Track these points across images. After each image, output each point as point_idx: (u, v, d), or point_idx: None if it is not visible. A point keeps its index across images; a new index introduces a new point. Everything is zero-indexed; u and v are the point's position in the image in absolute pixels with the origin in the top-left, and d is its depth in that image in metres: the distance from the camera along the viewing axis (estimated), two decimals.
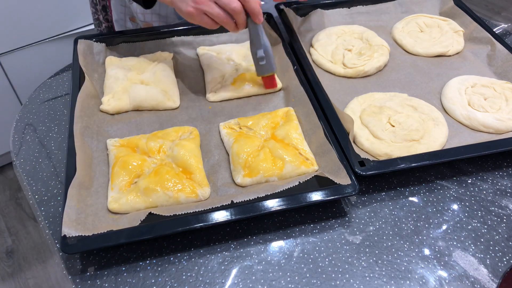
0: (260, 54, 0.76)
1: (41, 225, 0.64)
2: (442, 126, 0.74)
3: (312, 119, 0.72)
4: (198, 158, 0.69)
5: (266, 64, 0.77)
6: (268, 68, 0.78)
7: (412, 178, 0.70)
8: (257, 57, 0.77)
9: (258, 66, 0.78)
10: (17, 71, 1.62)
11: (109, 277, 0.58)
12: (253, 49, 0.77)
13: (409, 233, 0.63)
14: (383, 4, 1.03)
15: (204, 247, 0.61)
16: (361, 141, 0.72)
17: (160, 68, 0.83)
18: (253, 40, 0.76)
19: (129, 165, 0.66)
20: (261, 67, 0.78)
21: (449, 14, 1.01)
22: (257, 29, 0.74)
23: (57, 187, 0.68)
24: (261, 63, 0.77)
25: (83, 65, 0.80)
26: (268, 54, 0.76)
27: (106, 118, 0.77)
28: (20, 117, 0.81)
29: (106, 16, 1.09)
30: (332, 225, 0.64)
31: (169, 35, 0.90)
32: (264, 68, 0.78)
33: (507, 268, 0.59)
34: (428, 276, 0.58)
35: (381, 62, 0.87)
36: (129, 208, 0.62)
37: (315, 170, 0.67)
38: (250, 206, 0.60)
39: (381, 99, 0.79)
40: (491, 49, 0.90)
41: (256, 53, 0.76)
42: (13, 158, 0.73)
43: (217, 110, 0.79)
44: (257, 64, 0.78)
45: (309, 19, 0.98)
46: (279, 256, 0.60)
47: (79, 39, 0.85)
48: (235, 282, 0.57)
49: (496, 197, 0.68)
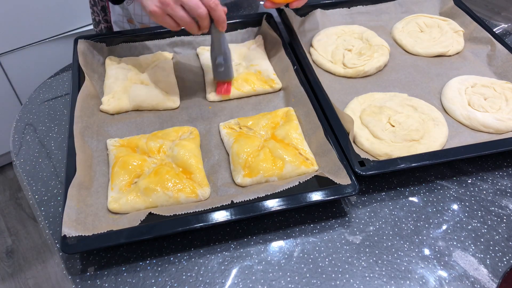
0: (219, 60, 0.77)
1: (41, 225, 0.64)
2: (442, 126, 0.74)
3: (312, 119, 0.72)
4: (198, 158, 0.69)
5: (224, 70, 0.78)
6: (226, 75, 0.79)
7: (412, 178, 0.70)
8: (216, 63, 0.78)
9: (216, 72, 0.80)
10: (17, 71, 1.62)
11: (109, 277, 0.58)
12: (213, 55, 0.78)
13: (409, 233, 0.63)
14: (383, 4, 1.03)
15: (204, 247, 0.61)
16: (361, 141, 0.72)
17: (160, 68, 0.83)
18: (214, 46, 0.77)
19: (129, 165, 0.66)
20: (219, 73, 0.79)
21: (449, 14, 1.01)
22: (219, 36, 0.75)
23: (57, 187, 0.68)
24: (219, 69, 0.78)
25: (83, 65, 0.80)
26: (227, 61, 0.78)
27: (106, 118, 0.77)
28: (20, 117, 0.81)
29: (105, 17, 1.09)
30: (332, 225, 0.64)
31: (169, 35, 0.90)
32: (221, 74, 0.79)
33: (507, 268, 0.59)
34: (428, 276, 0.58)
35: (381, 62, 0.87)
36: (129, 208, 0.62)
37: (315, 170, 0.67)
38: (250, 206, 0.60)
39: (381, 99, 0.79)
40: (491, 49, 0.90)
41: (216, 58, 0.77)
42: (13, 158, 0.73)
43: (217, 110, 0.79)
44: (215, 70, 0.80)
45: (309, 19, 0.98)
46: (279, 256, 0.60)
47: (79, 39, 0.85)
48: (235, 282, 0.57)
49: (496, 197, 0.68)
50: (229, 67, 0.79)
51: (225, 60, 0.77)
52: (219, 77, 0.80)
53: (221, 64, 0.78)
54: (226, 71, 0.79)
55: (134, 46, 0.89)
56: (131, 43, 0.89)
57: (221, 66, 0.78)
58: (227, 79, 0.80)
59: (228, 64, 0.78)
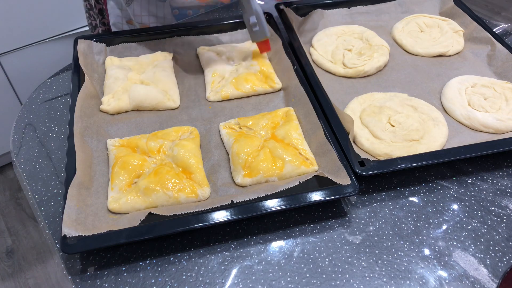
0: (253, 20, 0.77)
1: (41, 225, 0.64)
2: (442, 126, 0.74)
3: (312, 119, 0.72)
4: (198, 158, 0.69)
5: (259, 30, 0.78)
6: (261, 34, 0.79)
7: (412, 178, 0.70)
8: (250, 23, 0.78)
9: (252, 33, 0.80)
10: (17, 71, 1.62)
11: (109, 277, 0.58)
12: (246, 16, 0.78)
13: (409, 233, 0.63)
14: (383, 4, 1.03)
15: (204, 247, 0.61)
16: (361, 141, 0.72)
17: (160, 68, 0.83)
18: (244, 7, 0.77)
19: (129, 165, 0.66)
20: (255, 34, 0.80)
21: (449, 14, 1.01)
22: None
23: (57, 187, 0.68)
24: (254, 29, 0.79)
25: (83, 65, 0.80)
26: (260, 20, 0.78)
27: (106, 118, 0.77)
28: (20, 117, 0.81)
29: (102, 20, 1.09)
30: (332, 225, 0.64)
31: (169, 35, 0.90)
32: (257, 34, 0.79)
33: (507, 268, 0.59)
34: (428, 276, 0.58)
35: (381, 62, 0.87)
36: (129, 208, 0.62)
37: (315, 170, 0.67)
38: (250, 206, 0.60)
39: (381, 99, 0.79)
40: (491, 49, 0.90)
41: (249, 19, 0.78)
42: (13, 158, 0.73)
43: (217, 110, 0.79)
44: (250, 31, 0.80)
45: (309, 19, 0.98)
46: (279, 256, 0.60)
47: (79, 39, 0.85)
48: (235, 282, 0.57)
49: (496, 197, 0.68)
50: (263, 26, 0.78)
51: (258, 19, 0.77)
52: (255, 38, 0.81)
53: (255, 24, 0.78)
54: (261, 30, 0.79)
55: (134, 46, 0.89)
56: (131, 43, 0.89)
57: (255, 26, 0.78)
58: (263, 38, 0.80)
59: (261, 22, 0.78)
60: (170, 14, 1.03)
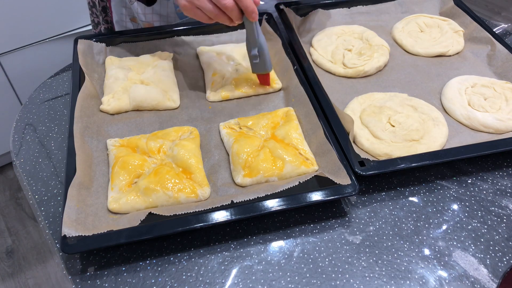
0: (254, 52, 0.75)
1: (41, 225, 0.64)
2: (442, 126, 0.74)
3: (312, 119, 0.72)
4: (198, 158, 0.69)
5: (260, 62, 0.76)
6: (262, 67, 0.77)
7: (412, 178, 0.70)
8: (251, 54, 0.76)
9: (252, 63, 0.78)
10: (17, 71, 1.62)
11: (109, 277, 0.58)
12: (248, 47, 0.76)
13: (409, 233, 0.63)
14: (383, 4, 1.03)
15: (204, 247, 0.61)
16: (361, 141, 0.72)
17: (160, 68, 0.83)
18: (248, 37, 0.75)
19: (129, 165, 0.66)
20: (256, 65, 0.78)
21: (449, 14, 1.01)
22: (251, 27, 0.72)
23: (57, 187, 0.68)
24: (254, 61, 0.77)
25: (83, 65, 0.80)
26: (263, 53, 0.75)
27: (106, 118, 0.77)
28: (20, 117, 0.81)
29: (106, 18, 1.09)
30: (332, 225, 0.64)
31: (169, 35, 0.90)
32: (258, 66, 0.78)
33: (507, 268, 0.59)
34: (428, 276, 0.58)
35: (381, 62, 0.87)
36: (129, 208, 0.62)
37: (315, 170, 0.67)
38: (250, 206, 0.60)
39: (381, 99, 0.79)
40: (491, 49, 0.90)
41: (251, 50, 0.75)
42: (13, 158, 0.73)
43: (217, 110, 0.79)
44: (251, 62, 0.78)
45: (309, 19, 0.98)
46: (279, 256, 0.60)
47: (79, 39, 0.85)
48: (235, 282, 0.57)
49: (496, 197, 0.68)
50: (265, 59, 0.76)
51: (260, 51, 0.75)
52: (255, 70, 0.78)
53: (256, 56, 0.75)
54: (262, 63, 0.76)
55: (134, 46, 0.89)
56: (131, 43, 0.89)
57: (256, 58, 0.76)
58: (263, 72, 0.78)
59: (264, 55, 0.75)
60: (173, 12, 1.03)
